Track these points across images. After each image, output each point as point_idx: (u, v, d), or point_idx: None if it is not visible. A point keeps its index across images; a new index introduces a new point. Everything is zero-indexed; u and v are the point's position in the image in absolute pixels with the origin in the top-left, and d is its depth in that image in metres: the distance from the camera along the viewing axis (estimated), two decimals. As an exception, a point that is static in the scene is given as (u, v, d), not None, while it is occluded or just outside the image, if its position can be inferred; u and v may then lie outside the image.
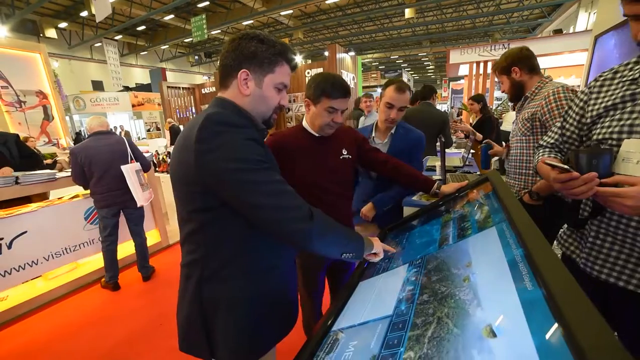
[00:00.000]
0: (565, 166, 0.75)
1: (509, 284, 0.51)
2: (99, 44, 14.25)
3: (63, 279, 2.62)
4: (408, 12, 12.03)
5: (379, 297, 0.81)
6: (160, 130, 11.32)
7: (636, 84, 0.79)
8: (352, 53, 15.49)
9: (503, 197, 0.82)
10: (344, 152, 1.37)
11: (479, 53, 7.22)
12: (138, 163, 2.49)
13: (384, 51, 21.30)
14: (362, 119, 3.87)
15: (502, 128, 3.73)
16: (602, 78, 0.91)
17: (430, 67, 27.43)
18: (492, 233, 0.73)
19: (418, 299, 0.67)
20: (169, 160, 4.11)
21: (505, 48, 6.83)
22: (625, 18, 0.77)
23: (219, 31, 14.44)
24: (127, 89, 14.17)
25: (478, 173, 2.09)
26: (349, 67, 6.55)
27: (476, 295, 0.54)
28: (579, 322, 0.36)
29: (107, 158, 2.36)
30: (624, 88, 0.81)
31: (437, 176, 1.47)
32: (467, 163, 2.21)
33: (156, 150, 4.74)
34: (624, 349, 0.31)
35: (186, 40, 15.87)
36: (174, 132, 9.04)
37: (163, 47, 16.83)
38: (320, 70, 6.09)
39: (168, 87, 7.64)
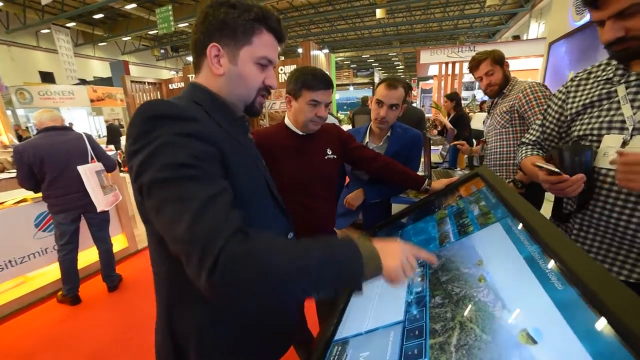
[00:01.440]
0: (555, 169, 0.77)
1: (533, 283, 0.49)
2: (47, 31, 12.82)
3: (8, 296, 2.31)
4: (379, 13, 12.25)
5: (383, 302, 0.77)
6: (124, 127, 10.51)
7: (611, 83, 0.84)
8: (326, 50, 15.44)
9: (503, 193, 0.81)
10: (329, 151, 1.31)
11: (447, 54, 7.52)
12: (100, 163, 2.26)
13: (355, 50, 21.54)
14: None
15: (472, 127, 3.90)
16: (578, 78, 0.95)
17: (400, 66, 28.23)
18: (497, 229, 0.72)
19: (430, 301, 0.63)
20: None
21: (471, 50, 7.18)
22: (575, 28, 0.81)
23: (187, 24, 13.72)
24: (83, 82, 13.00)
25: (459, 170, 2.14)
26: (323, 64, 6.51)
27: (498, 296, 0.51)
28: (633, 320, 0.33)
29: (63, 157, 2.10)
30: (600, 87, 0.86)
31: (420, 173, 1.46)
32: (446, 159, 2.25)
33: (120, 149, 4.37)
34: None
35: (151, 33, 14.88)
36: (111, 131, 8.38)
37: (125, 39, 15.63)
38: (294, 67, 5.99)
39: (132, 81, 7.11)
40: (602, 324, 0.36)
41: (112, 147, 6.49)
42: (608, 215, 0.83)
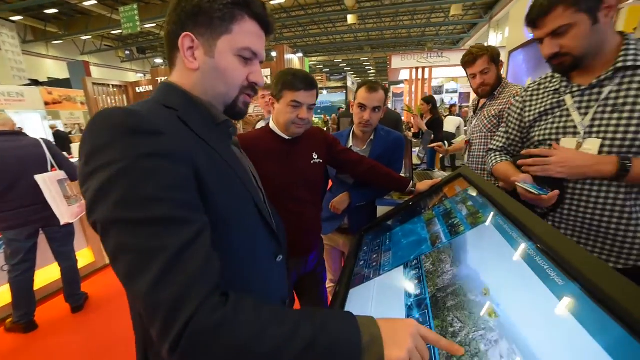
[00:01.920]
0: (534, 191, 0.85)
1: (535, 283, 0.50)
2: (-14, 24, 11.57)
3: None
4: (350, 18, 12.51)
5: (382, 305, 0.76)
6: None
7: (559, 93, 0.95)
8: (299, 54, 15.43)
9: (490, 192, 0.84)
10: (315, 156, 1.30)
11: (417, 60, 7.82)
12: (62, 171, 2.07)
13: (328, 54, 21.80)
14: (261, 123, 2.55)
15: (445, 128, 4.08)
16: (530, 89, 1.07)
17: (372, 71, 28.98)
18: (488, 228, 0.74)
19: (431, 301, 0.63)
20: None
21: (439, 56, 7.53)
22: (530, 39, 0.94)
23: (154, 25, 13.11)
24: (36, 83, 11.90)
25: (437, 171, 2.21)
26: (297, 68, 6.51)
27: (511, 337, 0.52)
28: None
29: (15, 165, 1.88)
30: (550, 97, 0.98)
31: (402, 175, 1.49)
32: (424, 161, 2.32)
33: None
34: None
35: (114, 33, 14.02)
36: (58, 138, 7.76)
37: (84, 38, 14.59)
38: (268, 70, 5.93)
39: (94, 83, 6.65)
40: (611, 321, 0.37)
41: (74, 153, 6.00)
42: (576, 211, 0.91)
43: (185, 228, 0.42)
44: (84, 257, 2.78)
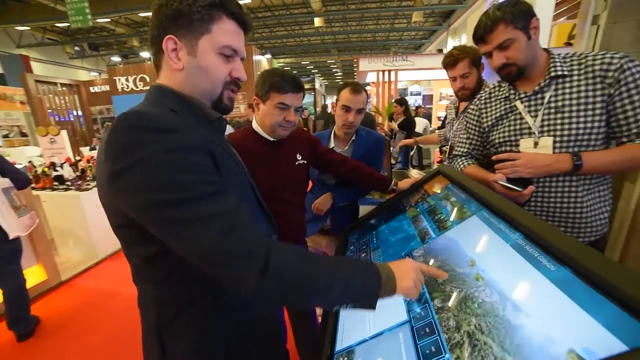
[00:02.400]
0: (517, 188, 0.95)
1: (526, 267, 0.53)
2: None
3: None
4: (317, 21, 12.61)
5: (379, 303, 0.77)
6: (28, 136, 8.68)
7: (509, 100, 1.08)
8: (268, 56, 15.21)
9: (473, 187, 0.89)
10: (299, 157, 1.28)
11: (383, 63, 8.07)
12: (7, 179, 1.83)
13: (295, 57, 21.77)
14: None
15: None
16: (483, 98, 1.19)
17: (339, 73, 29.43)
18: (475, 222, 0.78)
19: (432, 299, 0.65)
20: (53, 173, 3.20)
21: (404, 60, 7.84)
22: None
23: (109, 20, 12.15)
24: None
25: (411, 169, 2.30)
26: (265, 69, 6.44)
27: (503, 296, 0.55)
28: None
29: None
30: (502, 104, 1.10)
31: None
32: (398, 160, 2.40)
33: (30, 162, 3.61)
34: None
35: (60, 25, 12.74)
36: None
37: (20, 28, 13.05)
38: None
39: (37, 81, 6.01)
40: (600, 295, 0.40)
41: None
42: (541, 202, 1.02)
43: (230, 197, 0.52)
44: (34, 275, 2.49)
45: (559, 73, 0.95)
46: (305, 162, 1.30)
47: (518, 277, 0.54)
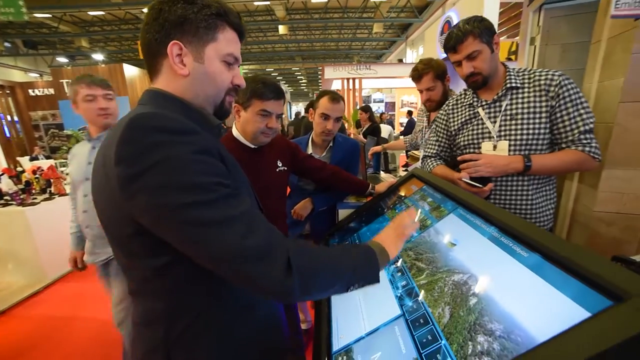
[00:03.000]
0: (479, 185, 1.08)
1: (501, 255, 0.61)
2: None
3: None
4: (281, 29, 12.70)
5: (370, 302, 0.81)
6: None
7: (473, 107, 1.21)
8: (230, 61, 14.76)
9: (447, 188, 0.97)
10: (279, 163, 1.30)
11: (348, 71, 8.36)
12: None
13: (259, 63, 21.63)
14: None
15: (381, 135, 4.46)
16: (450, 104, 1.32)
17: (303, 81, 29.75)
18: (453, 219, 0.86)
19: (420, 291, 0.70)
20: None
21: (368, 69, 8.18)
22: (443, 57, 1.19)
23: (49, 15, 11.06)
24: None
25: (383, 173, 2.41)
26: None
27: (485, 280, 0.62)
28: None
29: None
30: (466, 110, 1.23)
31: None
32: (370, 165, 2.50)
33: None
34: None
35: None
36: None
37: None
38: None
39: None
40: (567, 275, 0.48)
41: None
42: (499, 198, 1.15)
43: (245, 199, 0.54)
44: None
45: (514, 84, 1.09)
46: (285, 168, 1.32)
47: (496, 264, 0.61)
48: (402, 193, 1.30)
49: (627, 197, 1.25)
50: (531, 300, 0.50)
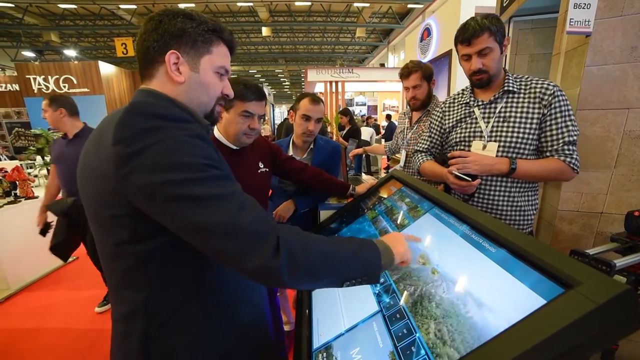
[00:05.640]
0: (468, 178, 1.09)
1: (473, 252, 0.65)
2: None
3: None
4: (265, 31, 12.65)
5: (350, 300, 0.83)
6: None
7: (469, 106, 1.23)
8: (212, 61, 14.47)
9: (424, 189, 1.02)
10: (261, 165, 1.31)
11: (331, 74, 8.44)
12: None
13: (242, 65, 21.40)
14: None
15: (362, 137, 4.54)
16: (448, 102, 1.35)
17: (286, 83, 29.70)
18: (428, 218, 0.90)
19: (397, 287, 0.74)
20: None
21: (350, 72, 8.30)
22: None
23: (12, 6, 10.37)
24: None
25: (364, 175, 2.46)
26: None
27: (456, 272, 0.66)
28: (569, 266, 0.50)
29: None
30: (462, 109, 1.26)
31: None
32: (351, 167, 2.55)
33: None
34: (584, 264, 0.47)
35: None
36: None
37: None
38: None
39: None
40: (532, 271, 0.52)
41: None
42: (483, 197, 1.19)
43: (235, 183, 0.57)
44: None
45: (511, 88, 1.13)
46: (267, 170, 1.33)
47: (467, 259, 0.65)
48: (382, 194, 1.34)
49: (585, 196, 1.35)
50: (496, 290, 0.54)
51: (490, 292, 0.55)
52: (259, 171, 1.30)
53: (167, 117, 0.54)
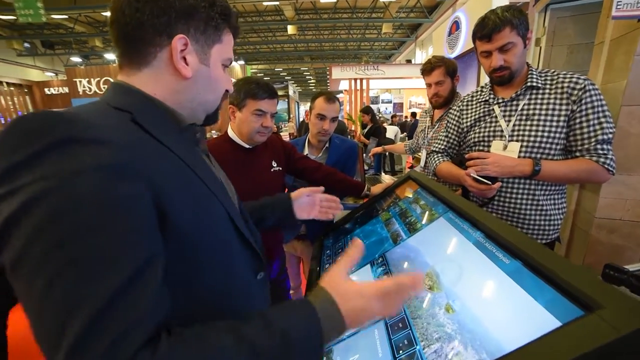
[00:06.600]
0: (488, 182, 1.01)
1: (485, 262, 0.60)
2: None
3: None
4: (290, 29, 12.75)
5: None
6: None
7: (488, 104, 1.16)
8: (241, 62, 15.03)
9: (439, 191, 0.96)
10: (274, 163, 1.31)
11: (355, 71, 8.35)
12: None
13: (268, 63, 21.78)
14: None
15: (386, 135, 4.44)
16: (465, 100, 1.27)
17: (312, 81, 29.82)
18: (441, 223, 0.85)
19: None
20: None
21: (375, 69, 8.15)
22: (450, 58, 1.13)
23: (66, 17, 11.37)
24: None
25: (384, 174, 2.40)
26: (238, 75, 6.39)
27: (465, 283, 0.61)
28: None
29: None
30: (481, 107, 1.18)
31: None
32: (371, 166, 2.50)
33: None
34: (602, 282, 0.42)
35: (4, 18, 11.64)
36: None
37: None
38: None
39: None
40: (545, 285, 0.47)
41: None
42: (503, 201, 1.11)
43: (123, 264, 0.34)
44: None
45: (534, 84, 1.03)
46: (280, 168, 1.33)
47: (478, 270, 0.60)
48: (398, 195, 1.29)
49: (630, 203, 1.21)
50: (506, 307, 0.49)
51: (499, 309, 0.50)
52: (272, 170, 1.30)
53: (49, 141, 0.35)
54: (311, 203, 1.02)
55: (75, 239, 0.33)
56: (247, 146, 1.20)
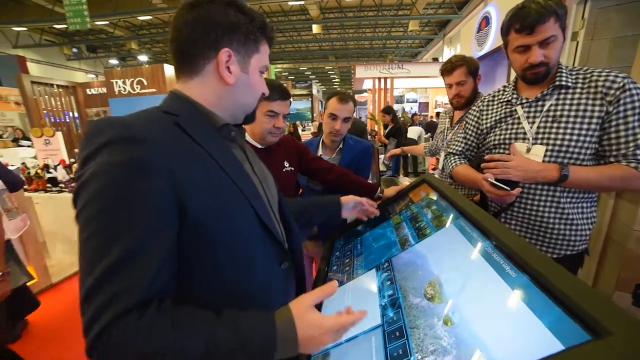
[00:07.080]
0: (506, 187, 0.94)
1: (490, 273, 0.56)
2: None
3: None
4: (315, 28, 12.79)
5: (356, 308, 0.79)
6: (22, 137, 8.58)
7: (511, 104, 1.08)
8: (265, 61, 15.19)
9: (451, 196, 0.92)
10: (286, 164, 1.32)
11: (379, 70, 8.20)
12: (-1, 181, 1.84)
13: (293, 62, 21.98)
14: None
15: (408, 136, 4.33)
16: (486, 100, 1.19)
17: (336, 80, 29.71)
18: (451, 230, 0.81)
19: (404, 303, 0.68)
20: (47, 174, 3.19)
21: (400, 68, 7.97)
22: (479, 56, 1.04)
23: (107, 23, 12.19)
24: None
25: (402, 176, 2.34)
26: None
27: (467, 292, 0.58)
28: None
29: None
30: (503, 107, 1.11)
31: (369, 181, 1.56)
32: (389, 168, 2.44)
33: (23, 163, 3.61)
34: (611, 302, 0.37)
35: (58, 27, 12.75)
36: None
37: (17, 29, 12.93)
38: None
39: (33, 82, 6.01)
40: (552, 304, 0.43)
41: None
42: (524, 208, 1.04)
43: (136, 237, 0.44)
44: (24, 277, 2.48)
45: (564, 83, 0.94)
46: (292, 169, 1.33)
47: (483, 282, 0.57)
48: (412, 198, 1.25)
49: (674, 215, 1.09)
50: (507, 324, 0.46)
51: (499, 325, 0.47)
52: (284, 170, 1.31)
53: (104, 139, 0.47)
54: (354, 207, 1.13)
55: (102, 213, 0.44)
56: (260, 146, 1.22)
